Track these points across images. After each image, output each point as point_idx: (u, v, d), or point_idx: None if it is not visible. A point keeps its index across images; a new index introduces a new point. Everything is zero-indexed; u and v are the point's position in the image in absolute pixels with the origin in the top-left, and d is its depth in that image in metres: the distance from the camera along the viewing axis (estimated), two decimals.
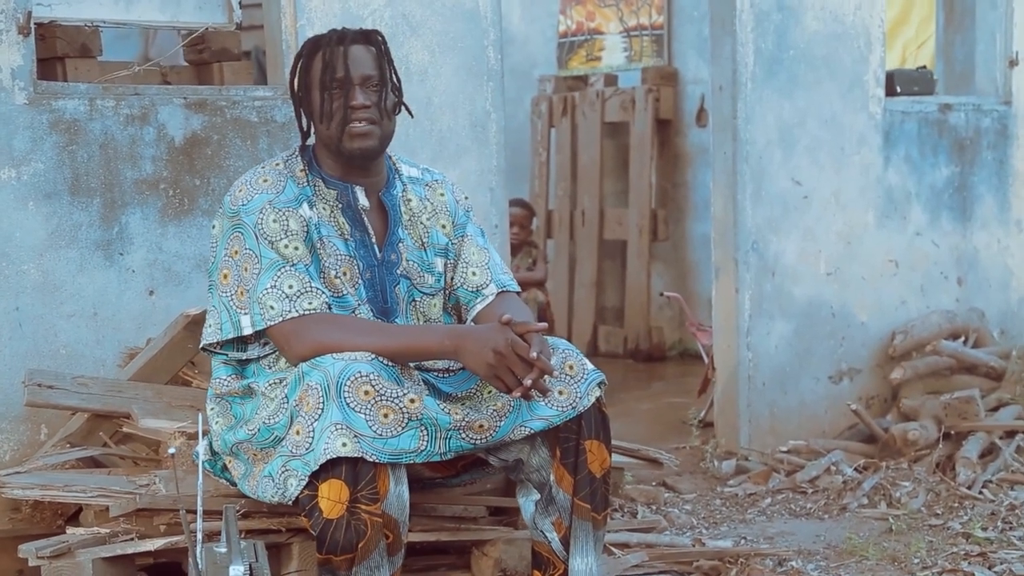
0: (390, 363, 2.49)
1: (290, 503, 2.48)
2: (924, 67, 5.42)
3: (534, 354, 2.41)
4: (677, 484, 4.24)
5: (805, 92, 4.68)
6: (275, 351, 2.64)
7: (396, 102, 2.72)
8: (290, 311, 2.53)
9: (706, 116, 7.58)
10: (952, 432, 4.38)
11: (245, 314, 2.57)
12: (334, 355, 2.45)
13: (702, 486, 4.28)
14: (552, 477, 2.61)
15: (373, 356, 2.45)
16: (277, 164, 2.69)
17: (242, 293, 2.57)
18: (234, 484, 2.72)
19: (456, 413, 2.49)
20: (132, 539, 2.64)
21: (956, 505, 3.90)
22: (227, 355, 2.68)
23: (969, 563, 3.33)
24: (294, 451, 2.42)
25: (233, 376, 2.69)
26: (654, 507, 3.94)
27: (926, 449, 4.36)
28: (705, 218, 7.65)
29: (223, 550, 2.19)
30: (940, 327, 4.94)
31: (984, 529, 3.62)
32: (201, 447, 2.80)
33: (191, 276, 3.35)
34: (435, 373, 2.69)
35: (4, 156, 3.07)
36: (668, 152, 7.66)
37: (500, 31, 3.95)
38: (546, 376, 2.45)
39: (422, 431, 2.45)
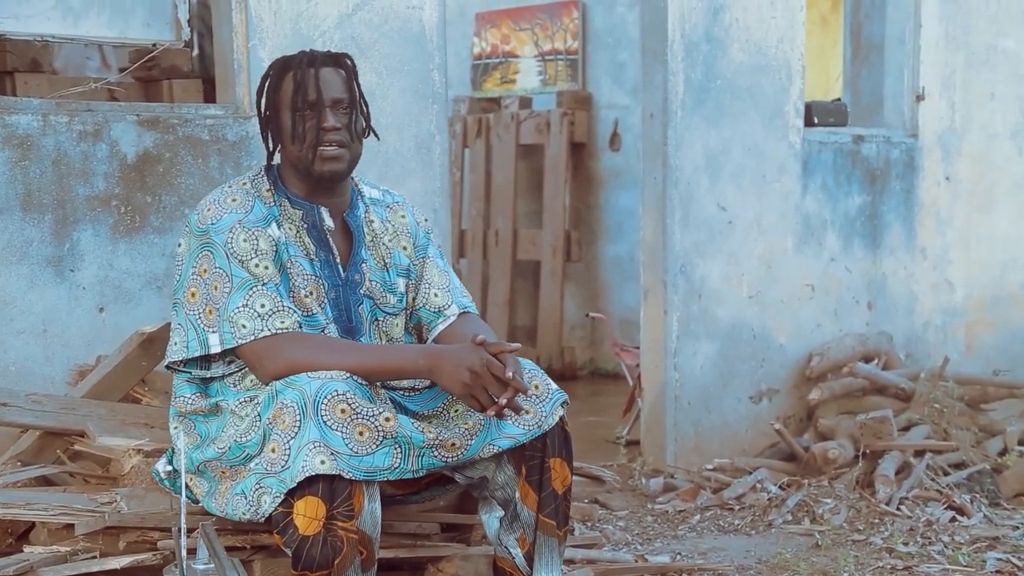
0: (363, 382, 2.53)
1: (262, 520, 2.50)
2: (839, 99, 5.63)
3: (509, 374, 2.48)
4: (609, 501, 4.33)
5: (730, 121, 4.84)
6: (240, 369, 2.66)
7: (365, 125, 2.77)
8: (262, 330, 2.55)
9: (619, 140, 7.76)
10: (868, 451, 4.56)
11: (213, 332, 2.58)
12: (309, 374, 2.48)
13: (633, 503, 4.39)
14: (517, 494, 2.68)
15: (348, 375, 2.50)
16: (244, 183, 2.72)
17: (210, 312, 2.59)
18: (196, 502, 2.72)
19: (429, 432, 2.55)
20: (94, 557, 2.64)
21: (876, 521, 4.07)
22: (190, 373, 2.69)
23: None
24: (269, 468, 2.45)
25: (198, 394, 2.70)
26: (589, 524, 4.02)
27: (844, 467, 4.53)
28: (618, 239, 7.83)
29: (202, 567, 2.21)
30: (854, 349, 5.14)
31: (905, 544, 3.79)
32: (160, 464, 2.83)
33: (141, 293, 3.34)
34: (401, 392, 2.74)
35: None
36: (582, 175, 7.81)
37: (445, 55, 4.02)
38: (519, 395, 2.52)
39: (396, 449, 2.50)
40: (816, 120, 5.23)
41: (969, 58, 5.77)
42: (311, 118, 2.66)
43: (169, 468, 2.79)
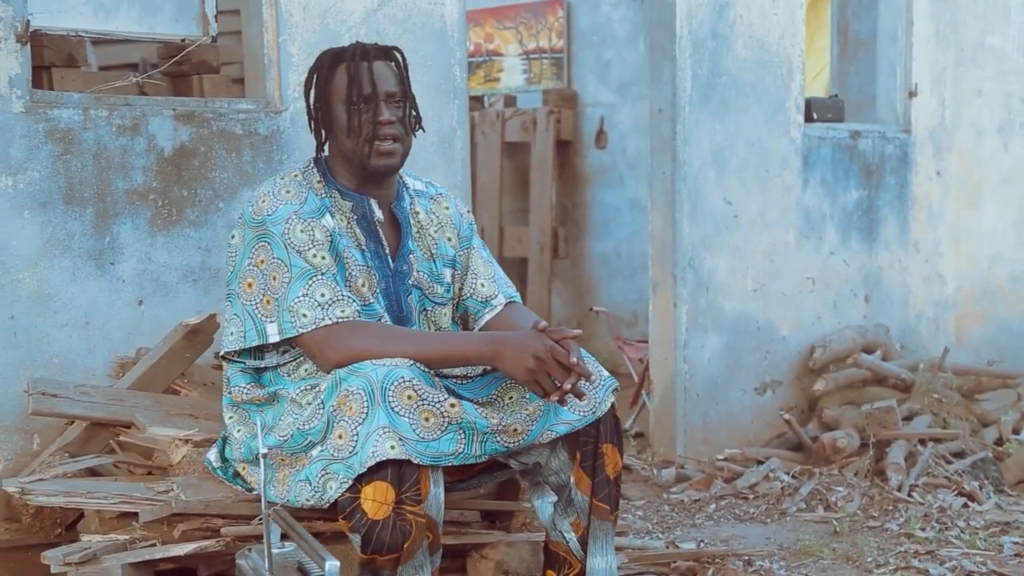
0: (426, 369, 2.56)
1: (326, 506, 2.53)
2: (836, 95, 5.72)
3: (573, 359, 2.52)
4: (626, 491, 4.39)
5: (735, 116, 4.91)
6: (295, 359, 2.69)
7: (416, 118, 2.80)
8: (323, 319, 2.58)
9: (605, 138, 7.82)
10: (873, 440, 4.65)
11: (271, 322, 2.61)
12: (373, 361, 2.51)
13: (648, 493, 4.44)
14: (572, 479, 2.72)
15: (412, 362, 2.53)
16: (295, 175, 2.74)
17: (268, 302, 2.61)
18: (249, 490, 2.75)
19: (492, 417, 2.58)
20: (153, 545, 2.65)
21: (890, 508, 4.15)
22: (244, 363, 2.72)
23: (920, 560, 3.56)
24: (336, 455, 2.47)
25: (252, 384, 2.72)
26: None
27: (852, 456, 4.61)
28: (604, 236, 7.89)
29: (280, 550, 2.24)
30: (854, 341, 5.23)
31: (923, 529, 3.87)
32: (212, 454, 2.85)
33: (178, 286, 3.35)
34: (454, 379, 2.78)
35: (1, 164, 3.04)
36: (568, 172, 7.86)
37: (465, 51, 4.05)
38: (581, 380, 2.57)
39: (460, 435, 2.53)
40: (815, 116, 5.32)
41: (958, 55, 5.90)
42: (366, 112, 2.68)
43: (220, 457, 2.82)
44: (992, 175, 6.10)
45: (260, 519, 2.63)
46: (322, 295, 2.59)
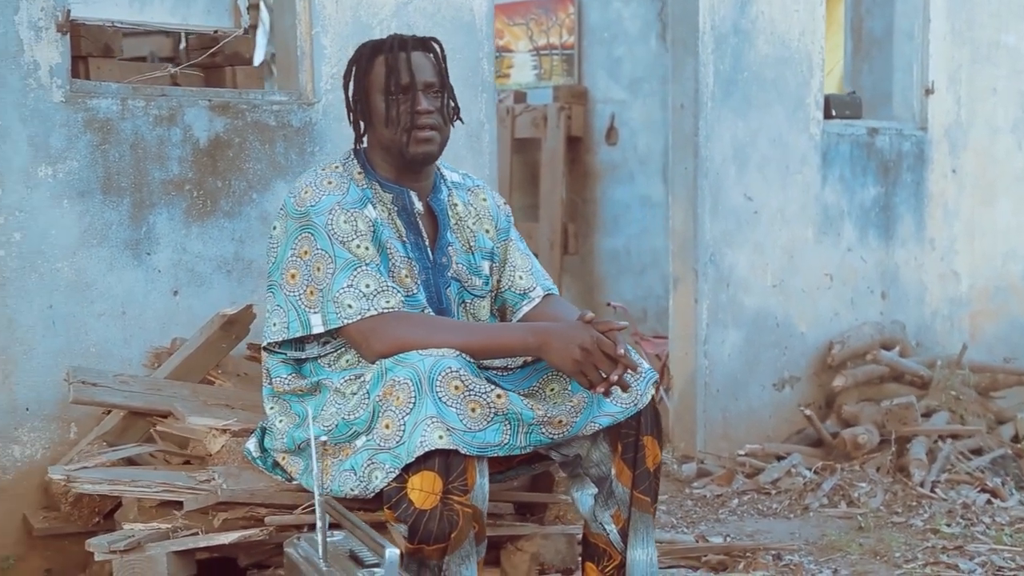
0: (471, 360, 2.57)
1: (370, 496, 2.53)
2: (854, 92, 5.74)
3: (620, 351, 2.53)
4: None
5: (757, 112, 4.92)
6: (336, 350, 2.69)
7: (454, 109, 2.81)
8: (368, 309, 2.58)
9: (615, 135, 7.83)
10: (893, 436, 4.66)
11: (315, 313, 2.61)
12: (420, 351, 2.52)
13: (670, 488, 4.45)
14: (613, 471, 2.73)
15: (458, 352, 2.53)
16: (336, 167, 2.74)
17: (312, 293, 2.61)
18: (289, 480, 2.75)
19: (538, 409, 2.58)
20: (195, 533, 2.66)
21: (914, 504, 4.16)
22: (285, 354, 2.72)
23: (948, 556, 3.57)
24: (382, 444, 2.47)
25: (294, 375, 2.72)
26: None
27: (872, 452, 4.63)
28: (614, 233, 7.90)
29: (333, 539, 2.24)
30: (872, 338, 5.24)
31: (948, 525, 3.88)
32: (251, 444, 2.85)
33: (212, 277, 3.35)
34: (495, 371, 2.78)
35: (42, 153, 3.04)
36: (578, 169, 7.87)
37: (492, 44, 4.06)
38: (627, 372, 2.58)
39: (505, 426, 2.53)
40: (834, 112, 5.33)
41: (974, 53, 5.91)
42: (404, 101, 2.69)
43: (259, 447, 2.82)
44: (1007, 173, 6.12)
45: (306, 508, 2.64)
46: (367, 286, 2.59)
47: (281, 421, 2.72)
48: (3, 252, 3.01)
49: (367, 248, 2.63)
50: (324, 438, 2.18)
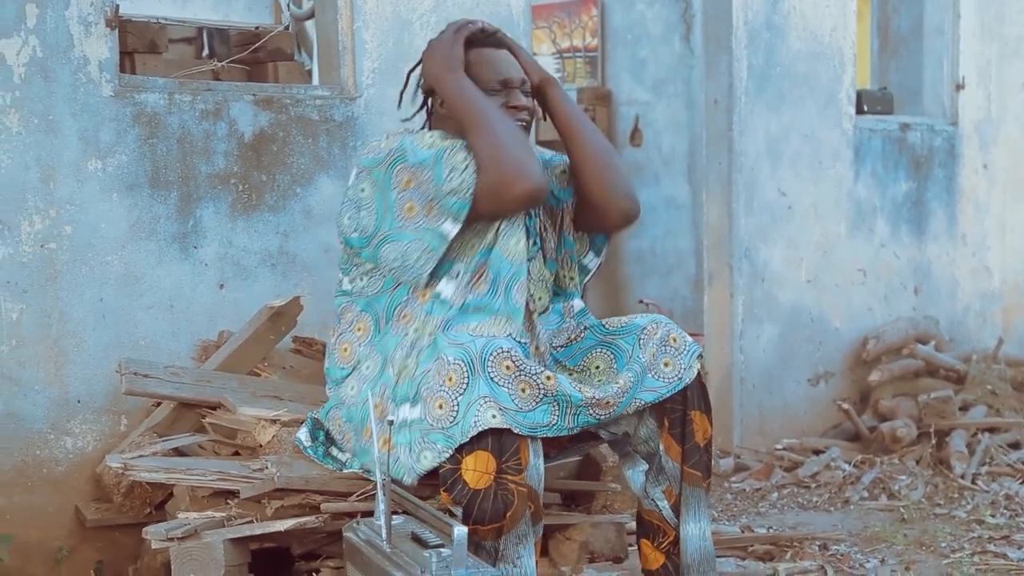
0: (522, 340, 2.58)
1: (416, 476, 2.51)
2: (885, 88, 5.73)
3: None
4: None
5: (789, 107, 4.92)
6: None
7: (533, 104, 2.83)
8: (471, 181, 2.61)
9: (640, 136, 7.83)
10: (933, 429, 4.65)
11: (443, 221, 2.62)
12: (471, 332, 2.53)
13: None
14: (661, 447, 2.73)
15: (509, 333, 2.55)
16: (401, 131, 2.77)
17: (431, 208, 2.62)
18: (340, 469, 2.75)
19: (586, 391, 2.58)
20: (251, 521, 2.66)
21: (956, 496, 4.15)
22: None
23: (995, 545, 3.56)
24: (435, 424, 2.46)
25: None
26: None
27: (911, 446, 4.62)
28: (639, 234, 7.90)
29: (395, 523, 2.25)
30: (907, 333, 5.23)
31: (992, 516, 3.87)
32: (302, 433, 2.86)
33: (257, 270, 3.37)
34: (554, 348, 2.81)
35: (92, 147, 3.06)
36: None
37: (530, 40, 4.07)
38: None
39: (554, 407, 2.53)
40: (865, 108, 5.33)
41: (1002, 48, 5.90)
42: (500, 97, 2.72)
43: (310, 436, 2.83)
44: None
45: (361, 494, 2.65)
46: (463, 159, 2.61)
47: (352, 388, 2.72)
48: (55, 245, 3.03)
49: (445, 137, 2.67)
50: (391, 419, 2.18)
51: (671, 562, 2.76)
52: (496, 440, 2.42)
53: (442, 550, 2.03)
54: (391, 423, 2.35)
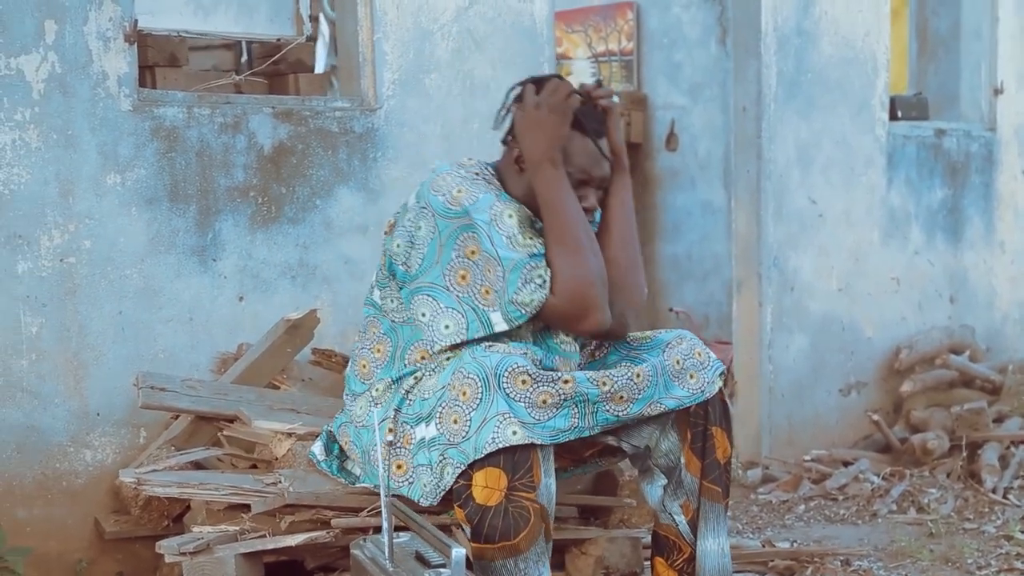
0: (537, 358, 2.57)
1: (441, 494, 2.50)
2: (920, 93, 5.66)
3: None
4: None
5: (820, 114, 4.87)
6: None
7: None
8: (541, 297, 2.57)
9: (676, 141, 7.77)
10: (964, 441, 4.58)
11: (494, 311, 2.57)
12: (486, 347, 2.52)
13: (736, 494, 4.40)
14: (682, 460, 2.71)
15: (525, 351, 2.53)
16: (475, 172, 2.68)
17: (488, 292, 2.57)
18: (353, 483, 2.75)
19: (604, 384, 2.54)
20: (264, 536, 2.67)
21: (986, 510, 4.08)
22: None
23: (1023, 562, 3.49)
24: (451, 440, 2.45)
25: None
26: None
27: (942, 458, 4.55)
28: (675, 239, 7.85)
29: (399, 540, 2.25)
30: (940, 342, 5.16)
31: (1022, 532, 3.80)
32: (316, 447, 2.86)
33: (277, 283, 3.38)
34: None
35: (110, 162, 3.08)
36: (638, 175, 7.82)
37: (554, 50, 4.05)
38: None
39: (573, 410, 2.50)
40: (899, 114, 5.26)
41: None
42: (577, 189, 2.64)
43: (325, 450, 2.83)
44: None
45: (371, 510, 2.65)
46: (540, 277, 2.57)
47: (362, 408, 2.71)
48: (74, 259, 3.05)
49: (531, 237, 2.60)
50: (390, 438, 2.18)
51: None
52: (509, 457, 2.40)
53: (442, 570, 2.02)
54: (391, 444, 2.34)
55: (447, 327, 2.59)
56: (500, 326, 2.57)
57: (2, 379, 2.98)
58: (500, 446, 2.38)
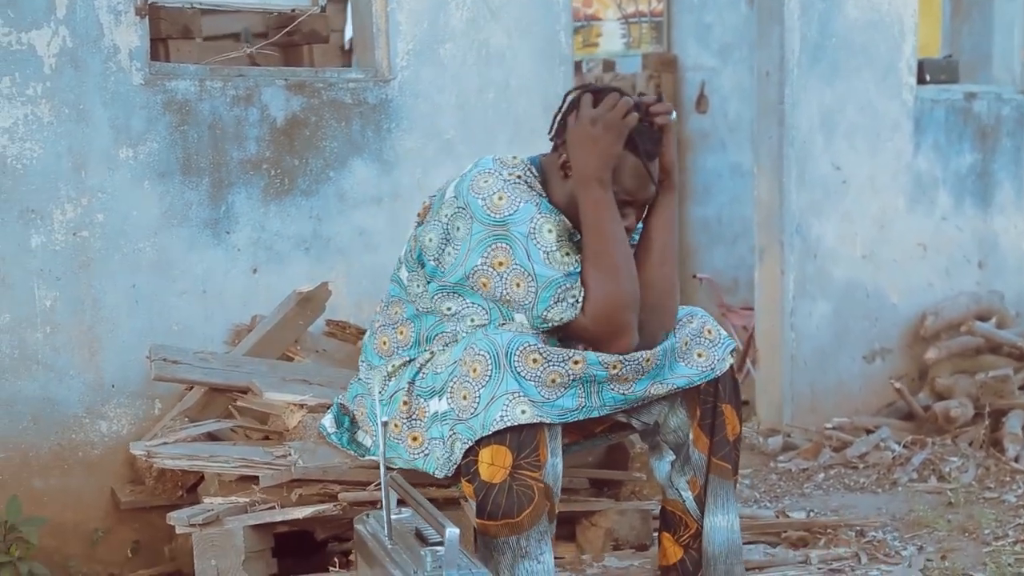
0: (547, 338, 2.57)
1: (454, 468, 2.52)
2: (950, 56, 5.57)
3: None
4: None
5: (844, 79, 4.81)
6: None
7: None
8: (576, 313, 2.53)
9: (706, 103, 7.71)
10: (988, 409, 4.54)
11: (520, 314, 2.55)
12: (500, 324, 2.53)
13: (755, 462, 4.40)
14: (691, 437, 2.71)
15: (535, 331, 2.53)
16: (517, 172, 2.61)
17: (507, 302, 2.54)
18: (363, 455, 2.77)
19: (614, 368, 2.54)
20: (273, 508, 2.70)
21: (1007, 479, 4.06)
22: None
23: None
24: (460, 416, 2.47)
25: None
26: None
27: (965, 426, 4.52)
28: (705, 202, 7.81)
29: (398, 516, 2.27)
30: (967, 308, 5.11)
31: None
32: (327, 420, 2.88)
33: (291, 255, 3.40)
34: None
35: (123, 136, 3.11)
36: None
37: (570, 16, 4.02)
38: None
39: (580, 389, 2.52)
40: (928, 77, 5.18)
41: None
42: (621, 207, 2.58)
43: (335, 423, 2.85)
44: None
45: (377, 484, 2.67)
46: (574, 298, 2.52)
47: (377, 388, 2.72)
48: (87, 233, 3.08)
49: (568, 253, 2.54)
50: (385, 419, 2.20)
51: (690, 557, 2.74)
52: (516, 436, 2.41)
53: (438, 549, 2.03)
54: (385, 424, 2.36)
55: (472, 320, 2.59)
56: (523, 323, 2.55)
57: (17, 351, 3.02)
58: (508, 424, 2.38)
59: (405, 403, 2.61)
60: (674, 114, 2.61)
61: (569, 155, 2.58)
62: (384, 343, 2.76)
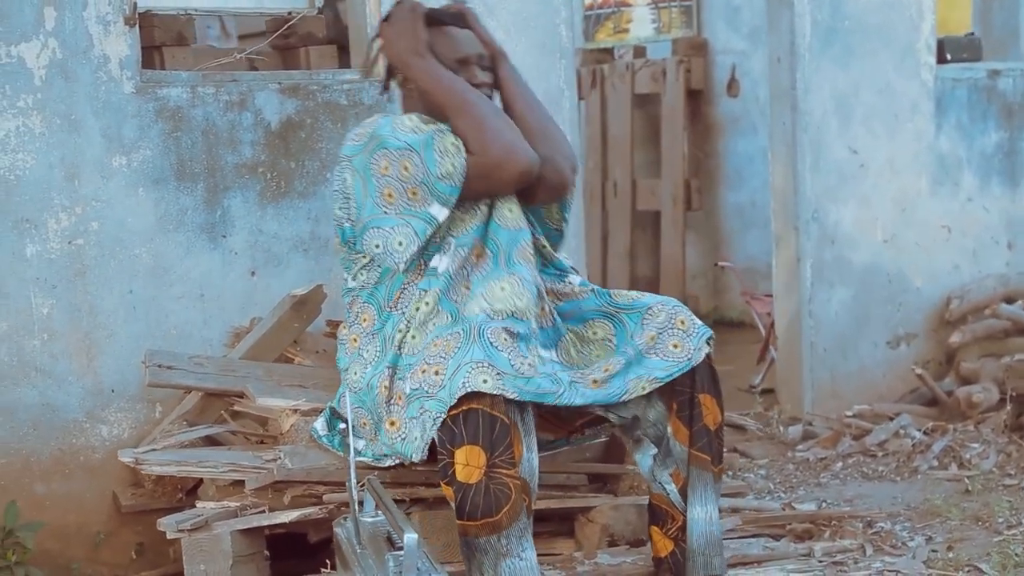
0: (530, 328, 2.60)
1: (426, 448, 2.54)
2: (972, 33, 5.46)
3: None
4: (749, 450, 4.33)
5: (859, 61, 4.74)
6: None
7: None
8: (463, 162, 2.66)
9: (737, 86, 7.64)
10: (1012, 394, 4.46)
11: (430, 204, 2.65)
12: (482, 308, 2.59)
13: (773, 451, 4.37)
14: (669, 429, 2.70)
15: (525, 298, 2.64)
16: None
17: (415, 192, 2.65)
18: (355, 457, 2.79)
19: (575, 375, 2.63)
20: (263, 512, 2.73)
21: None
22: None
23: None
24: (429, 391, 2.50)
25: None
26: (731, 473, 4.03)
27: (989, 411, 4.45)
28: (738, 187, 7.75)
29: (371, 519, 2.28)
30: (994, 291, 5.02)
31: None
32: (319, 423, 2.91)
33: (289, 256, 3.42)
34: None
35: (115, 144, 3.14)
36: (699, 122, 7.72)
37: (571, 9, 4.00)
38: None
39: (553, 376, 2.55)
40: (949, 56, 5.09)
41: None
42: (461, 74, 2.77)
43: (327, 425, 2.87)
44: None
45: (361, 485, 2.68)
46: (452, 143, 2.65)
47: (355, 374, 2.76)
48: (82, 241, 3.13)
49: (431, 123, 2.71)
50: (342, 426, 2.22)
51: (679, 548, 2.74)
52: (487, 435, 2.42)
53: (399, 553, 2.04)
54: (348, 423, 2.38)
55: (400, 243, 2.66)
56: (441, 214, 2.64)
57: (16, 359, 3.08)
58: (467, 391, 2.39)
59: (386, 387, 2.64)
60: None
61: (392, 65, 2.84)
62: (355, 340, 2.81)
